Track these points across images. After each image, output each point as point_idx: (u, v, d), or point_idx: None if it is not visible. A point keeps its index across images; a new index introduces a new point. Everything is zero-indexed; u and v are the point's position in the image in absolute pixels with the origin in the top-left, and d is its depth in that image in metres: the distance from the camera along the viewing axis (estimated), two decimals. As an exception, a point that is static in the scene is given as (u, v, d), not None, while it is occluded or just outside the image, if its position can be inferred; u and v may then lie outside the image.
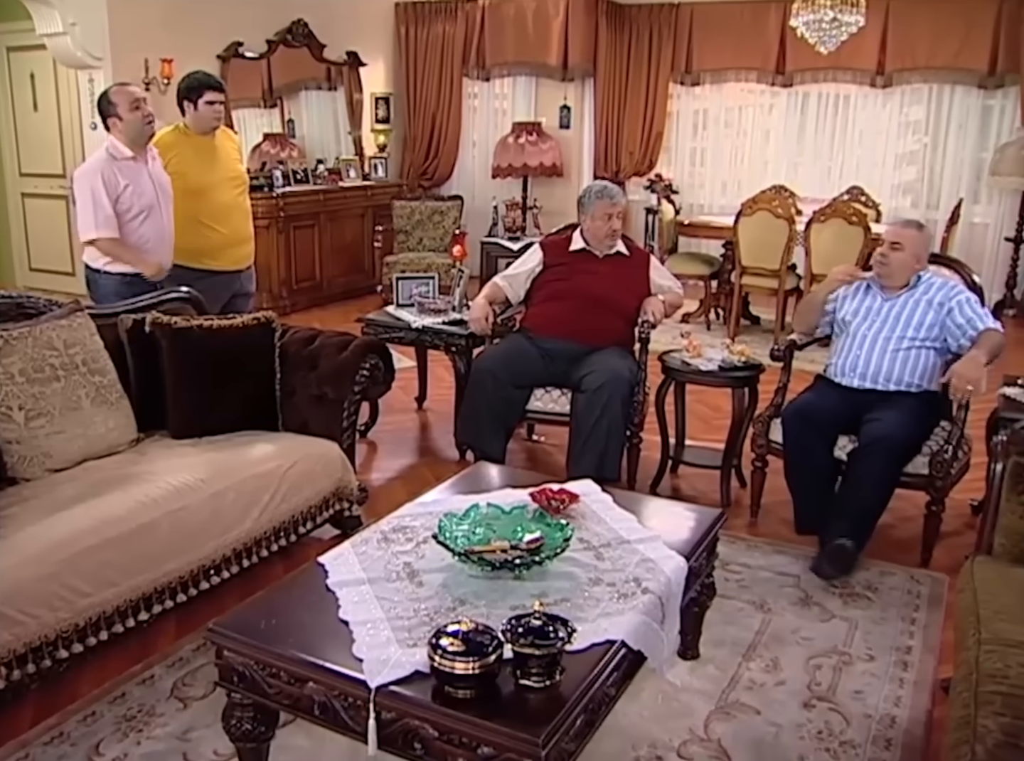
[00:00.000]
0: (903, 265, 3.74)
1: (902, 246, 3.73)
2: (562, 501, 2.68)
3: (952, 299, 3.69)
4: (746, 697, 2.72)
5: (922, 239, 3.78)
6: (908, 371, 3.71)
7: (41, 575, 2.48)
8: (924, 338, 3.69)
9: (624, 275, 4.35)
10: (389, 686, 1.87)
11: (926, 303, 3.73)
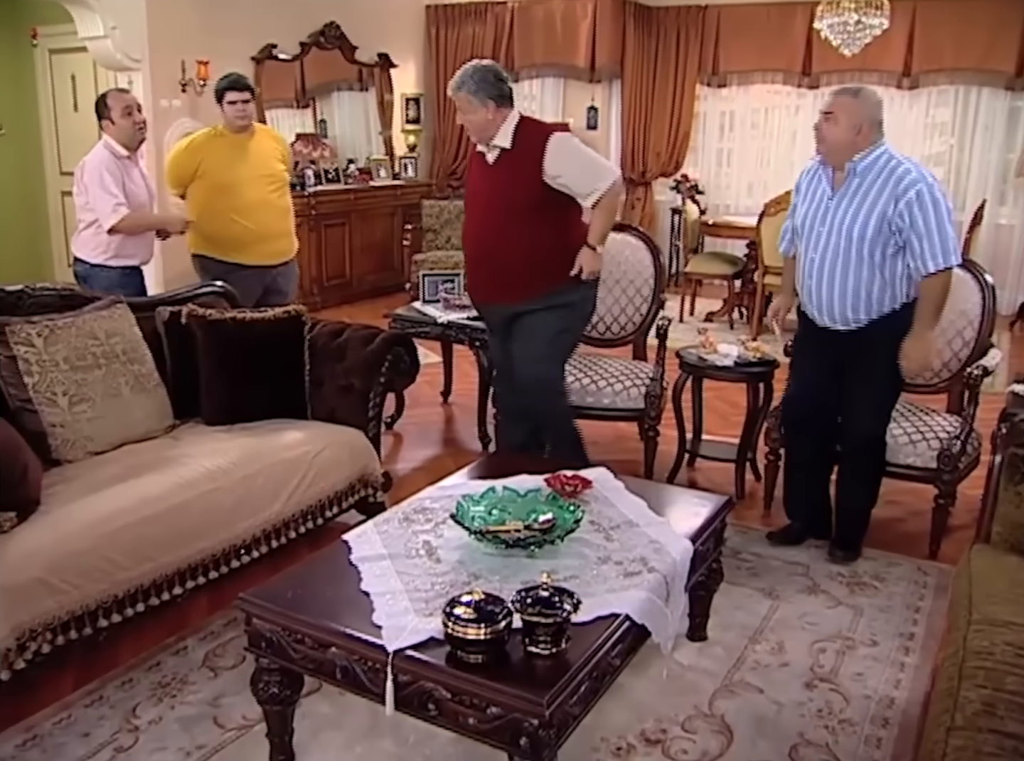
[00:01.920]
0: (839, 141, 3.25)
1: (835, 117, 3.24)
2: (575, 486, 2.81)
3: (897, 212, 3.21)
4: (750, 677, 2.83)
5: (859, 107, 3.23)
6: (865, 299, 3.34)
7: (83, 549, 2.64)
8: (871, 252, 3.29)
9: (510, 180, 3.71)
10: (406, 651, 2.01)
11: (872, 200, 3.25)
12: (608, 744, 2.50)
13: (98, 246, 4.39)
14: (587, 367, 4.34)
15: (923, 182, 3.19)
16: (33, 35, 8.99)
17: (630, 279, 4.62)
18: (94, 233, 4.39)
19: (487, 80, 3.69)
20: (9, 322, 3.14)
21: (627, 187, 9.50)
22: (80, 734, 2.51)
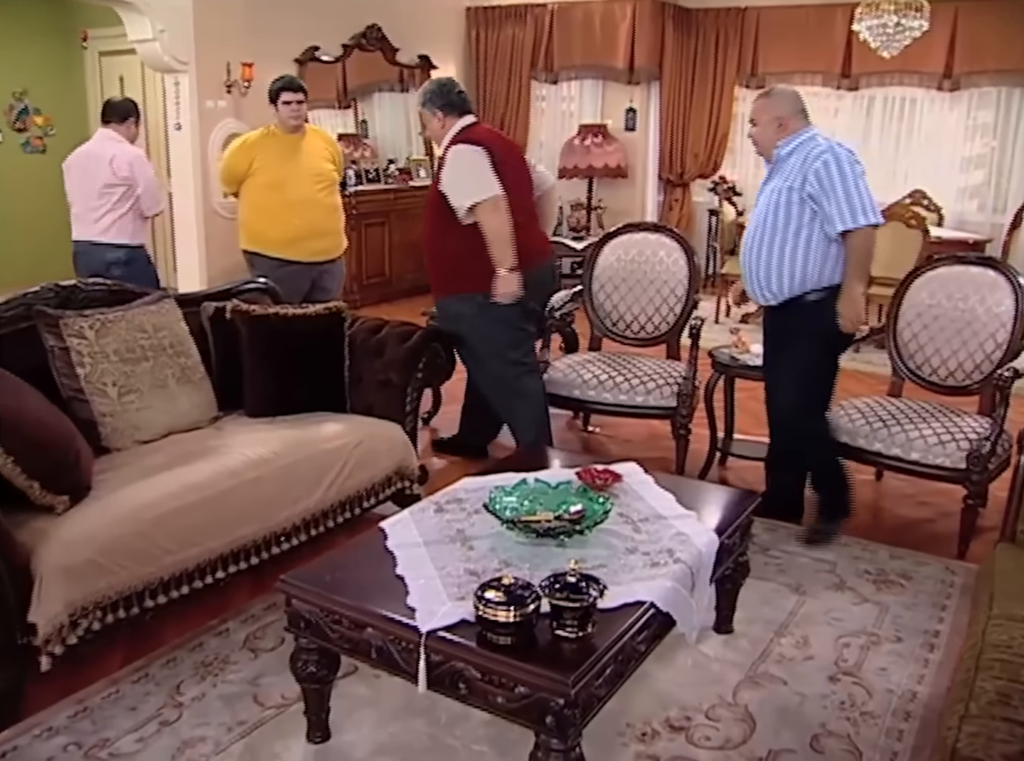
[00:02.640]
0: (764, 137, 3.59)
1: (756, 119, 3.63)
2: (605, 480, 2.88)
3: (808, 181, 3.43)
4: (775, 669, 2.89)
5: (773, 104, 3.57)
6: (777, 269, 3.55)
7: (132, 532, 2.76)
8: (786, 222, 3.50)
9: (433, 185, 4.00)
10: (438, 632, 2.09)
11: (787, 175, 3.51)
12: (633, 729, 2.57)
13: (138, 230, 5.20)
14: (621, 366, 4.42)
15: (830, 153, 3.43)
16: (83, 38, 9.24)
17: (664, 280, 4.68)
18: (133, 218, 5.16)
19: (436, 92, 4.05)
20: (63, 315, 3.27)
21: (665, 188, 9.57)
22: (127, 708, 2.63)
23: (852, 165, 3.42)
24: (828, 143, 3.49)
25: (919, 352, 4.17)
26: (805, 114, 3.59)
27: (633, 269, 4.73)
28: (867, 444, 3.80)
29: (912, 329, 4.19)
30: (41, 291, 3.39)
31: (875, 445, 3.78)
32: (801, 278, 3.57)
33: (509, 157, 4.05)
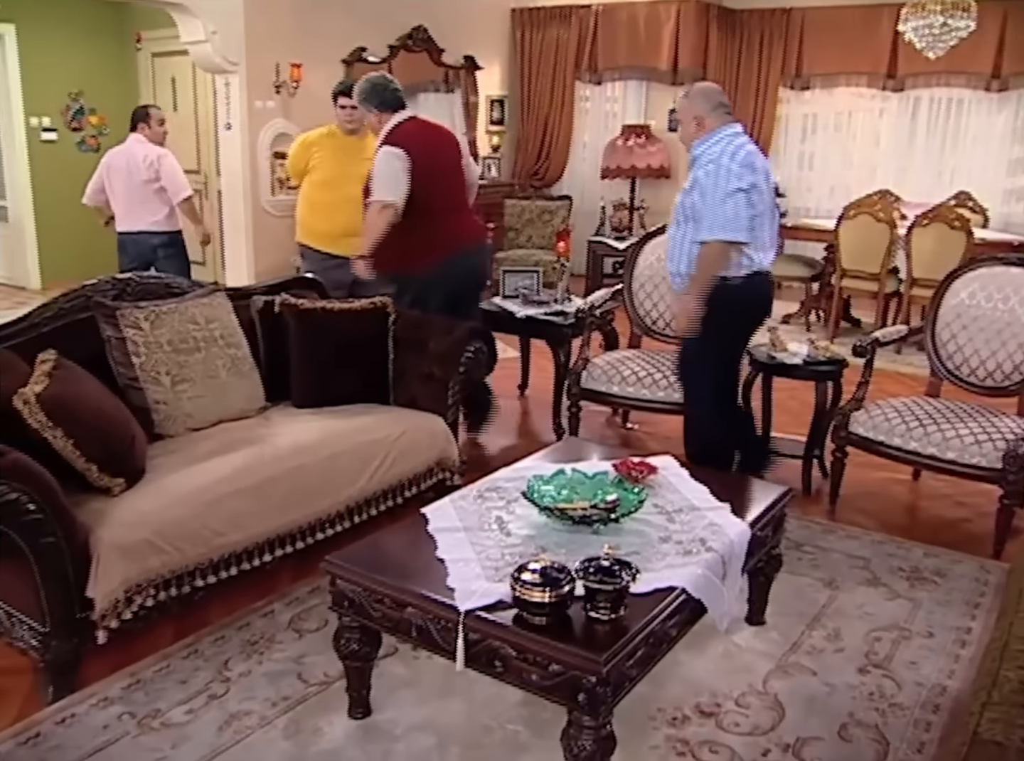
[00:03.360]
0: (685, 135, 3.77)
1: (679, 119, 3.83)
2: (641, 471, 2.95)
3: (691, 188, 3.65)
4: (805, 660, 2.94)
5: (690, 104, 3.72)
6: (679, 260, 3.73)
7: (185, 515, 2.88)
8: (686, 219, 3.68)
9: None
10: (476, 611, 2.18)
11: (690, 177, 3.69)
12: (664, 714, 2.64)
13: (174, 217, 6.09)
14: (660, 363, 4.47)
15: (712, 164, 3.57)
16: (137, 39, 9.45)
17: (703, 278, 4.72)
18: (170, 208, 6.05)
19: (371, 91, 4.39)
20: (120, 307, 3.41)
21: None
22: (178, 682, 2.75)
23: (729, 179, 3.52)
24: (721, 151, 3.59)
25: (958, 353, 4.19)
26: (725, 110, 3.70)
27: (673, 268, 4.77)
28: (903, 443, 3.83)
29: (951, 330, 4.21)
30: (99, 283, 3.53)
31: (911, 444, 3.81)
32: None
33: (434, 151, 4.34)
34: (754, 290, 3.75)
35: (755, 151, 3.69)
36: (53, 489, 2.54)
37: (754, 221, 3.61)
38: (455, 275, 4.29)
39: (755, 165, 3.61)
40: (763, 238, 3.71)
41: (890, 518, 4.08)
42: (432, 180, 4.21)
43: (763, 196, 3.65)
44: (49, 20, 8.88)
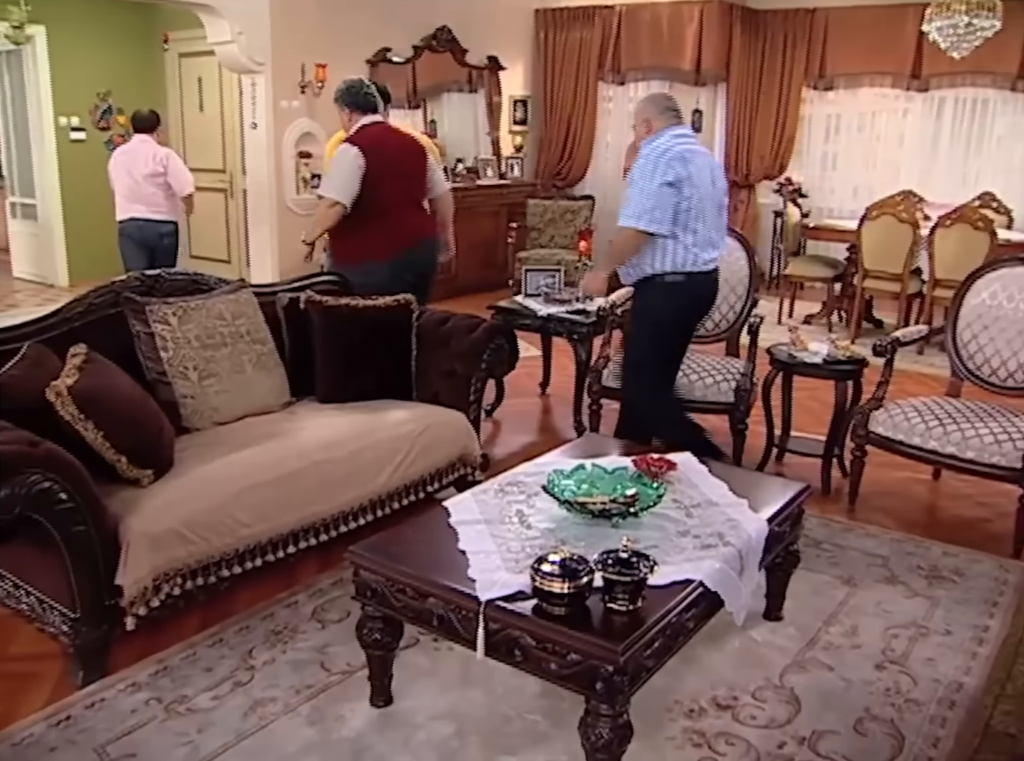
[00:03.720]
0: (637, 136, 4.00)
1: (635, 122, 4.02)
2: (660, 467, 2.98)
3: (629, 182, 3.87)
4: (822, 655, 2.96)
5: (641, 108, 3.99)
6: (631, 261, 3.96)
7: (212, 506, 2.94)
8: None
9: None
10: (496, 601, 2.22)
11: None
12: (681, 706, 2.67)
13: (176, 209, 6.78)
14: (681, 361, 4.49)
15: (647, 156, 3.80)
16: (164, 40, 9.57)
17: (724, 278, 4.71)
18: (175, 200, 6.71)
19: (346, 91, 4.73)
20: (149, 303, 3.47)
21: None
22: (204, 669, 2.81)
23: (655, 173, 3.73)
24: (655, 147, 3.81)
25: (979, 353, 4.19)
26: (673, 114, 3.93)
27: (694, 267, 4.80)
28: (922, 442, 3.84)
29: (972, 330, 4.22)
30: (128, 280, 3.60)
31: (930, 443, 3.82)
32: (639, 264, 3.94)
33: (392, 157, 4.59)
34: (694, 288, 3.94)
35: (697, 150, 3.89)
36: (84, 479, 2.60)
37: (688, 216, 3.79)
38: (408, 265, 4.59)
39: (689, 161, 3.78)
40: (705, 234, 3.86)
41: (909, 517, 4.09)
42: (387, 181, 4.49)
43: (699, 191, 3.79)
44: (78, 22, 9.01)
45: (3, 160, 9.91)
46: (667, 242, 3.82)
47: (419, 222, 4.80)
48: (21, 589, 2.82)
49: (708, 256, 3.91)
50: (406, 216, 4.66)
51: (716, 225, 3.94)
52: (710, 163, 3.95)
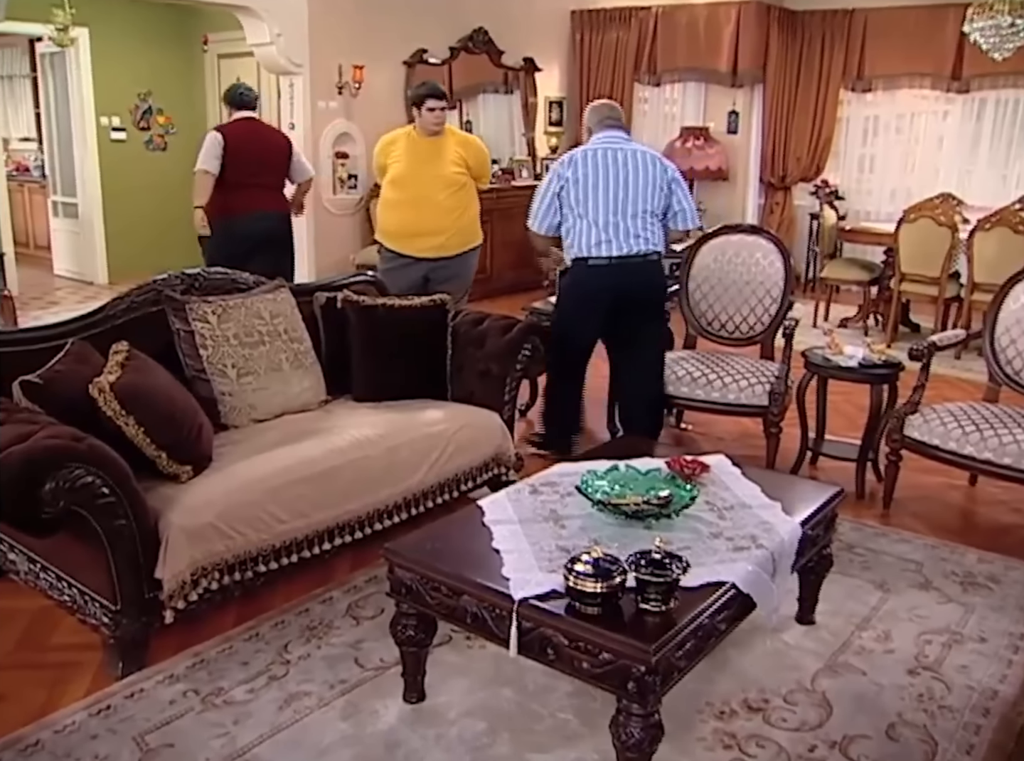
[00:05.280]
0: (584, 143, 4.46)
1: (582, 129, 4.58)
2: (694, 469, 2.99)
3: None
4: (854, 660, 2.95)
5: (585, 116, 4.52)
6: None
7: (249, 501, 2.98)
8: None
9: None
10: (530, 600, 2.24)
11: None
12: (712, 708, 2.68)
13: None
14: (714, 364, 4.50)
15: (557, 162, 4.35)
16: (204, 41, 9.68)
17: (760, 281, 4.75)
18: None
19: (228, 91, 6.05)
20: (189, 301, 3.53)
21: (766, 191, 9.54)
22: (240, 662, 2.85)
23: (553, 177, 4.28)
24: (567, 156, 4.31)
25: (1017, 358, 4.15)
26: (610, 122, 4.38)
27: (729, 270, 4.81)
28: (958, 447, 3.82)
29: (1011, 335, 4.18)
30: (169, 278, 3.66)
31: (966, 449, 3.79)
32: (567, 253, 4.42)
33: (250, 146, 5.76)
34: (581, 276, 4.32)
35: (619, 148, 4.27)
36: (126, 474, 2.66)
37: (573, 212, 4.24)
38: (252, 228, 5.75)
39: (579, 161, 4.22)
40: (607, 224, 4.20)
41: (944, 523, 4.06)
42: (243, 163, 5.67)
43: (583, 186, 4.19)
44: (121, 24, 9.15)
45: (46, 159, 10.07)
46: (571, 231, 4.28)
47: (263, 199, 5.86)
48: (64, 581, 2.88)
49: (600, 248, 4.23)
50: (252, 193, 5.75)
51: (628, 211, 4.21)
52: (624, 158, 4.25)
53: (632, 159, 4.24)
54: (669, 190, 4.30)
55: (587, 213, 4.20)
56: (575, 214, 4.23)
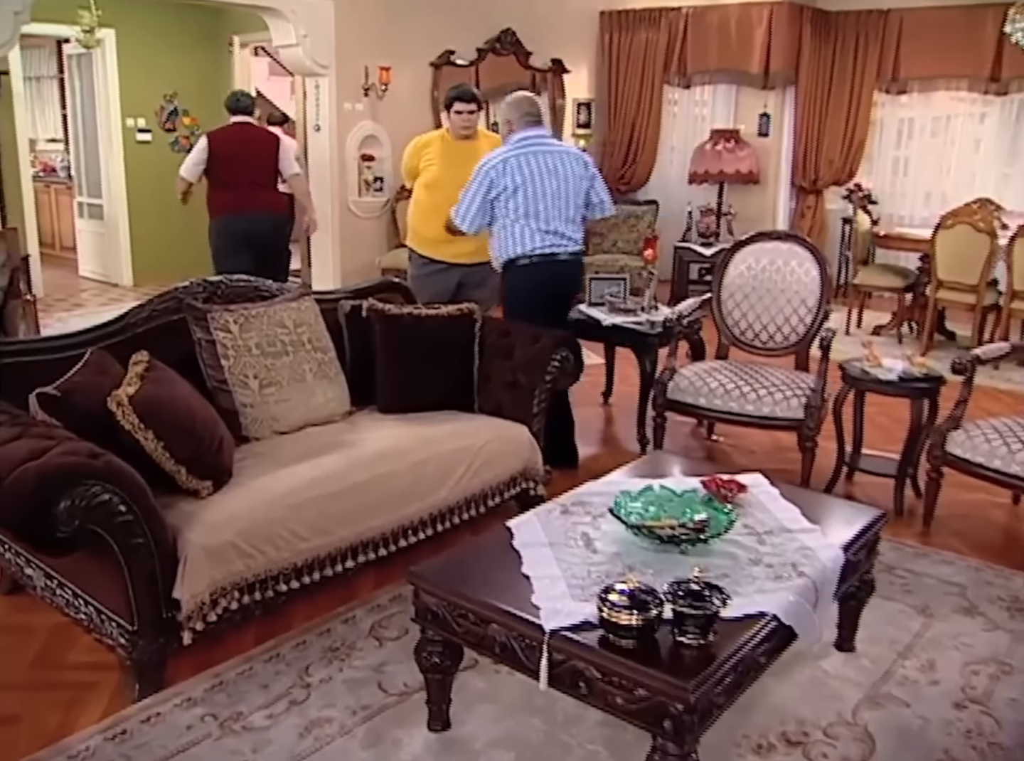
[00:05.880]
0: (502, 135, 4.53)
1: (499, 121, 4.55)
2: (731, 490, 2.87)
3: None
4: (897, 691, 2.83)
5: (504, 108, 4.47)
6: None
7: (270, 518, 2.90)
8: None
9: None
10: (561, 631, 2.14)
11: None
12: (749, 741, 2.57)
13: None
14: (748, 375, 4.38)
15: (480, 163, 4.35)
16: (230, 43, 9.63)
17: (795, 290, 4.62)
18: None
19: (228, 97, 6.41)
20: (211, 309, 3.45)
21: (797, 195, 9.39)
22: (260, 685, 2.76)
23: (478, 178, 4.30)
24: (494, 156, 4.33)
25: (1063, 371, 4.01)
26: (531, 117, 4.40)
27: (764, 278, 4.68)
28: (1003, 466, 3.67)
29: (1057, 347, 4.03)
30: (191, 286, 3.59)
31: (1012, 467, 3.65)
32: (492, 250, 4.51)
33: (235, 145, 6.19)
34: (528, 273, 4.37)
35: (544, 150, 4.33)
36: (144, 491, 2.57)
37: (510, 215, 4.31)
38: (242, 225, 6.15)
39: (517, 166, 4.26)
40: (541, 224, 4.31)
41: (987, 543, 3.92)
42: (228, 162, 6.09)
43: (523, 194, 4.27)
44: (147, 25, 9.12)
45: (72, 160, 10.06)
46: (503, 230, 4.35)
47: (261, 197, 6.26)
48: (80, 598, 2.80)
49: (530, 246, 4.33)
50: (249, 192, 6.15)
51: (561, 215, 4.35)
52: (560, 159, 4.36)
53: (563, 165, 4.37)
54: (590, 184, 4.48)
55: (527, 217, 4.30)
56: (512, 218, 4.32)
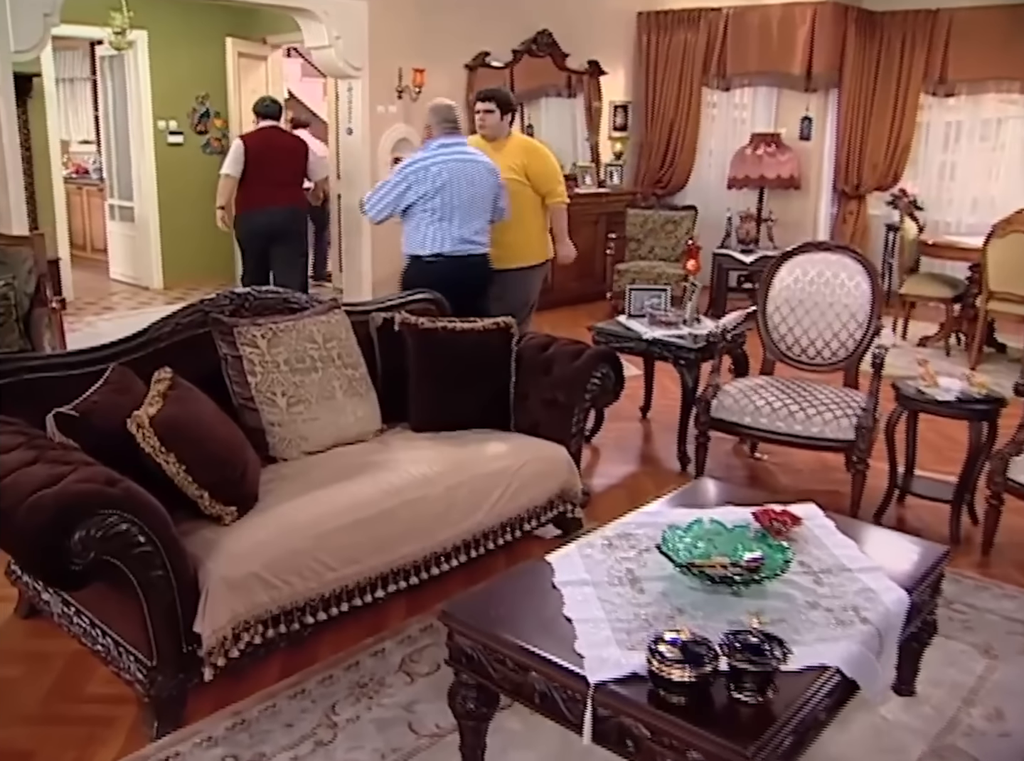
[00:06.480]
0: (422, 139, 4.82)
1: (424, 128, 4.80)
2: (784, 523, 2.69)
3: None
4: (963, 743, 2.64)
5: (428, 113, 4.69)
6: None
7: (297, 548, 2.75)
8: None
9: None
10: (607, 684, 1.97)
11: None
12: (806, 798, 2.39)
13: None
14: (796, 393, 4.18)
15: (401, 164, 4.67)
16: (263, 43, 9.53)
17: (844, 303, 4.42)
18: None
19: (257, 102, 6.83)
20: (237, 324, 3.31)
21: (839, 200, 9.16)
22: (284, 724, 2.62)
23: (398, 176, 4.52)
24: (415, 158, 4.55)
25: None
26: (449, 125, 4.59)
27: (811, 291, 4.48)
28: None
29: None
30: (217, 298, 3.46)
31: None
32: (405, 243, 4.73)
33: (267, 149, 6.53)
34: (422, 264, 4.59)
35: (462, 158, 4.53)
36: (164, 521, 2.44)
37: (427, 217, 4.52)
38: (263, 218, 6.55)
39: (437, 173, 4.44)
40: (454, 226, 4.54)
41: (1048, 574, 3.72)
42: (261, 165, 6.43)
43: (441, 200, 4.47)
44: (178, 26, 9.04)
45: (103, 162, 10.01)
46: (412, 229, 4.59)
47: (278, 197, 6.56)
48: (98, 629, 2.68)
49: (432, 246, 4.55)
50: (274, 190, 6.51)
51: (472, 221, 4.59)
52: (475, 168, 4.56)
53: (479, 175, 4.58)
54: (498, 193, 4.73)
55: (441, 221, 4.53)
56: (427, 220, 4.54)
